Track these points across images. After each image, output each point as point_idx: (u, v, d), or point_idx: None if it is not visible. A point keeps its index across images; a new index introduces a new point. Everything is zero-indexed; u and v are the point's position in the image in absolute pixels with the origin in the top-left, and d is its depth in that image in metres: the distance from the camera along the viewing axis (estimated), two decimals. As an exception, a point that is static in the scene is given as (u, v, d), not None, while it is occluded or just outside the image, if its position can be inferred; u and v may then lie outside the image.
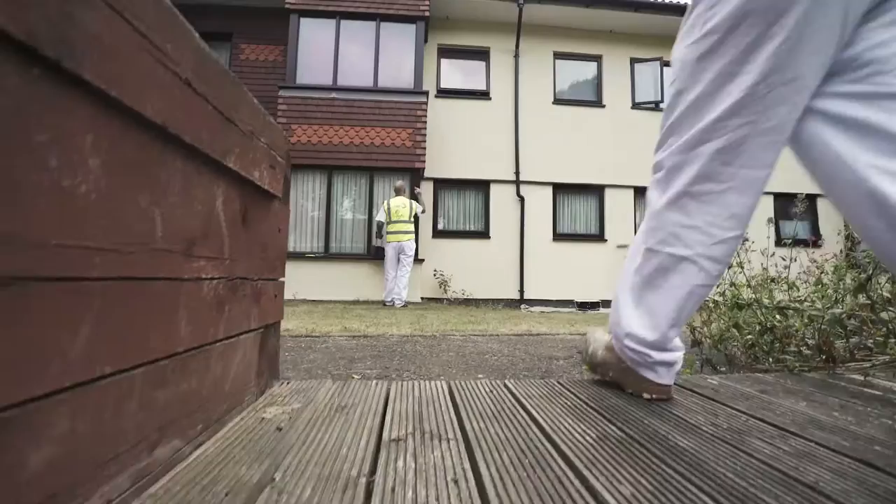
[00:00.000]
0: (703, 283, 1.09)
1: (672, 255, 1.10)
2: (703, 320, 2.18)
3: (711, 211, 1.05)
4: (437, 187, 8.95)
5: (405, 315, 5.45)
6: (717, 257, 1.07)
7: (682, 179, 1.07)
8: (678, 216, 1.08)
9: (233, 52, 8.94)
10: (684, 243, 1.08)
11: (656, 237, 1.13)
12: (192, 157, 0.78)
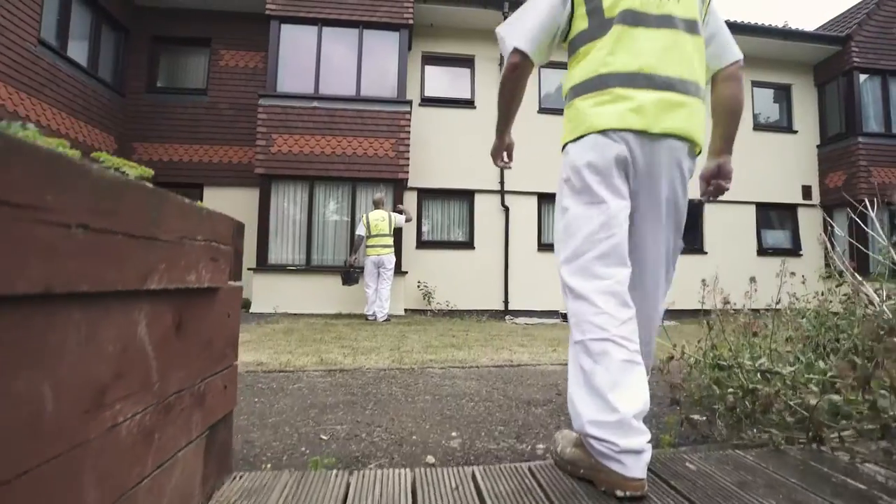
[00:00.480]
0: (628, 359, 1.25)
1: (595, 339, 1.26)
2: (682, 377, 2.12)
3: (610, 300, 1.29)
4: (421, 197, 8.85)
5: (386, 335, 5.35)
6: (626, 336, 1.27)
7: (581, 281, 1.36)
8: (587, 307, 1.31)
9: (211, 59, 8.74)
10: (600, 328, 1.26)
11: (580, 330, 1.32)
12: (96, 303, 0.68)
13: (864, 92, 9.66)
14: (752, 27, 9.42)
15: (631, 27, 1.38)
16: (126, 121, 8.39)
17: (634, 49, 1.38)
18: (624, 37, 1.38)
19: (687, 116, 1.38)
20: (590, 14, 1.43)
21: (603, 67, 1.39)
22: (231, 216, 1.28)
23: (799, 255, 10.00)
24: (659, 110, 1.35)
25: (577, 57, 1.49)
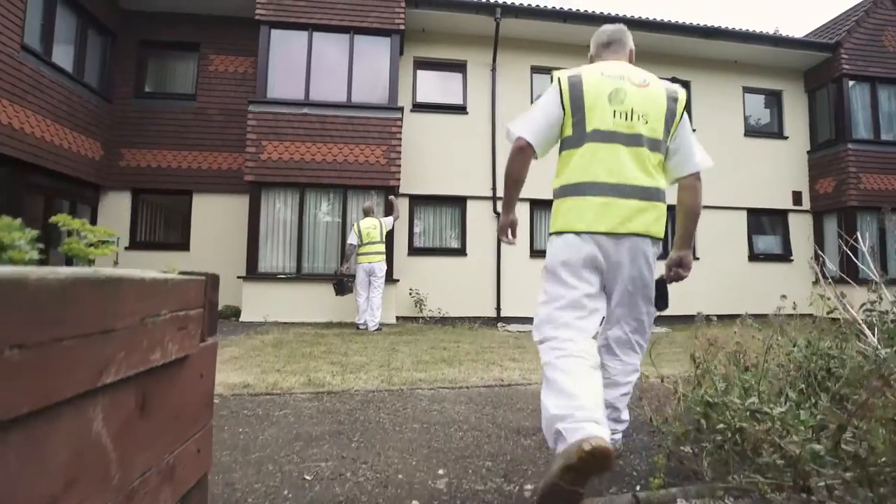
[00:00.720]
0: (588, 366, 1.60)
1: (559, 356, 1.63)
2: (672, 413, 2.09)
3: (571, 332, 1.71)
4: (413, 203, 8.80)
5: (376, 348, 5.30)
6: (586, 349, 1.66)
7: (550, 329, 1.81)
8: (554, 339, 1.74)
9: (200, 64, 8.62)
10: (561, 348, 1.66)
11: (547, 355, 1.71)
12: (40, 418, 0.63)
13: (854, 99, 9.72)
14: (744, 34, 9.45)
15: (605, 143, 1.74)
16: (113, 126, 8.27)
17: (607, 162, 1.74)
18: (599, 151, 1.75)
19: (647, 218, 1.76)
20: (574, 126, 1.79)
21: (581, 176, 1.77)
22: (204, 271, 1.23)
23: (790, 260, 10.05)
24: (624, 216, 1.72)
25: (563, 159, 1.88)
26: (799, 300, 10.49)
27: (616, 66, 1.91)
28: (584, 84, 1.80)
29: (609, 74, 1.83)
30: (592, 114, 1.76)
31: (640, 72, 1.89)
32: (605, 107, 1.76)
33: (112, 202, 8.28)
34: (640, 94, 1.79)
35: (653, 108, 1.79)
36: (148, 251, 8.29)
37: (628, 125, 1.75)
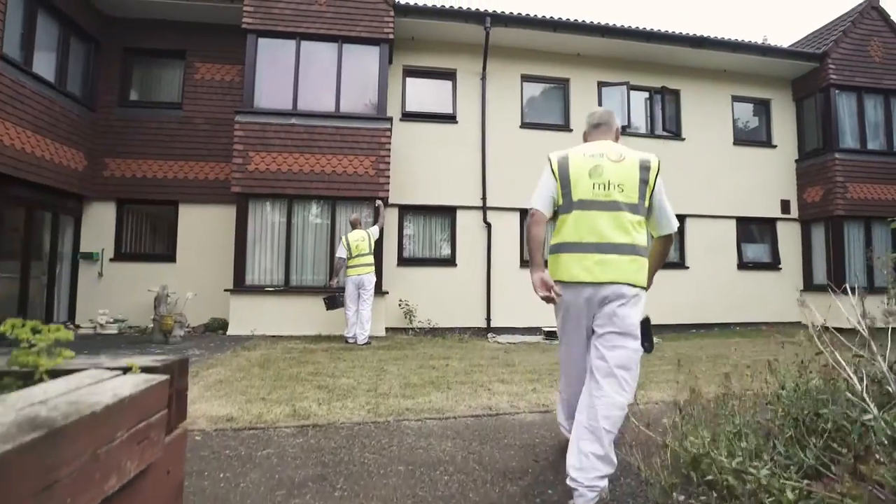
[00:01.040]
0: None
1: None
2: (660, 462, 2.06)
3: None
4: (402, 213, 8.75)
5: (364, 367, 5.25)
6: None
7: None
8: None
9: (186, 72, 8.49)
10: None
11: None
12: None
13: (841, 108, 9.80)
14: (732, 44, 9.48)
15: (587, 211, 2.15)
16: (96, 136, 8.13)
17: (588, 226, 2.14)
18: (582, 217, 2.15)
19: (622, 269, 2.11)
20: (564, 196, 2.20)
21: (570, 237, 2.18)
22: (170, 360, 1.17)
23: (778, 268, 10.12)
24: (602, 268, 2.10)
25: (557, 222, 2.27)
26: (787, 308, 10.67)
27: (598, 145, 2.30)
28: (570, 163, 2.22)
29: (590, 154, 2.23)
30: (577, 187, 2.17)
31: (618, 148, 2.28)
32: (586, 181, 2.16)
33: (96, 213, 8.14)
34: (615, 168, 2.17)
35: (627, 178, 2.16)
36: (133, 262, 8.16)
37: (606, 194, 2.14)
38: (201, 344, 6.67)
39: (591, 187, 2.14)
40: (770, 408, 2.60)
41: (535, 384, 4.55)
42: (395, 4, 8.22)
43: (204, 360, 5.50)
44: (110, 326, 7.42)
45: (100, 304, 7.89)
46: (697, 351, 7.01)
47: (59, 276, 7.77)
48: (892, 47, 10.02)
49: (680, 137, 9.89)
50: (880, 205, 9.66)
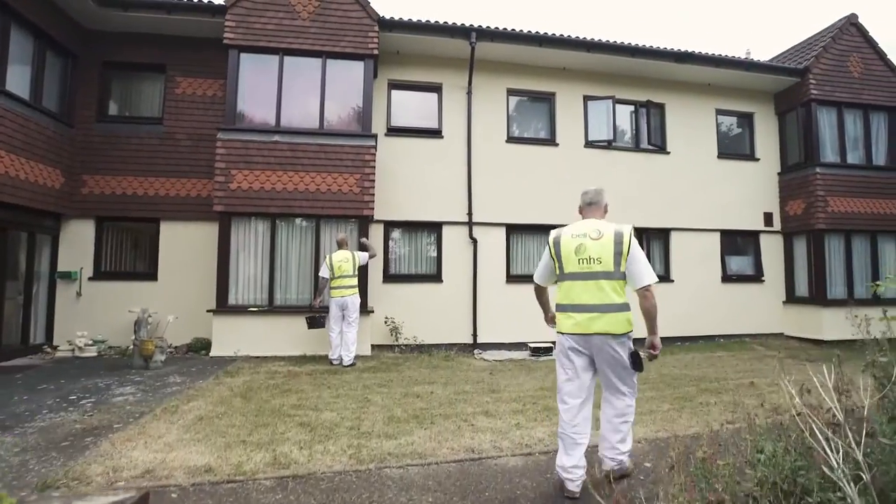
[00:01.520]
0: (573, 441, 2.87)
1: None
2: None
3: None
4: (388, 230, 8.69)
5: (349, 397, 5.20)
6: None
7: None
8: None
9: (167, 87, 8.33)
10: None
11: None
12: None
13: (822, 123, 9.93)
14: (715, 59, 9.55)
15: (573, 280, 2.89)
16: (75, 152, 7.95)
17: (575, 292, 2.88)
18: (572, 286, 2.90)
19: (604, 323, 2.79)
20: (559, 268, 2.96)
21: (564, 300, 2.94)
22: None
23: (761, 280, 10.24)
24: (588, 322, 2.81)
25: (558, 287, 3.01)
26: (770, 320, 10.85)
27: (584, 224, 2.99)
28: (561, 243, 2.96)
29: (575, 234, 2.94)
30: (567, 263, 2.92)
31: (599, 226, 2.92)
32: (573, 258, 2.89)
33: (75, 231, 7.97)
34: (595, 245, 2.86)
35: (604, 252, 2.83)
36: (114, 281, 8.00)
37: (588, 267, 2.85)
38: (183, 368, 6.56)
39: (577, 262, 2.86)
40: (748, 472, 2.60)
41: (519, 416, 4.55)
42: (379, 19, 8.14)
43: (184, 389, 5.41)
44: (89, 349, 7.27)
45: (78, 324, 7.74)
46: (682, 369, 7.06)
47: (36, 296, 7.60)
48: (871, 63, 10.17)
49: (665, 151, 9.95)
50: (860, 218, 9.82)
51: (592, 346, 2.82)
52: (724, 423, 4.33)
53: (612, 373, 2.87)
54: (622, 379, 2.89)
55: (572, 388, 2.90)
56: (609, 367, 2.85)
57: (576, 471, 2.79)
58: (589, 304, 2.80)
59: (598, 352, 2.83)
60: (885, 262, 10.09)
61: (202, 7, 7.86)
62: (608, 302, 2.78)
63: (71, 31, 7.86)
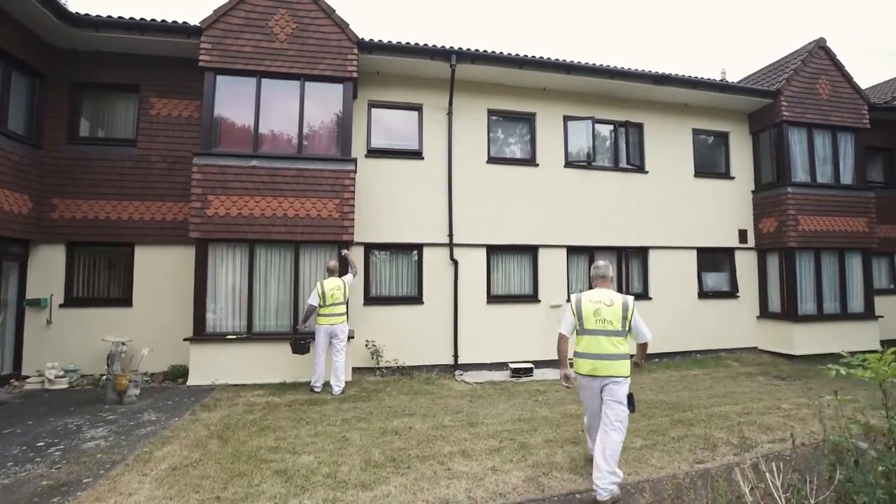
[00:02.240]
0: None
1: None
2: None
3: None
4: (369, 252, 8.66)
5: (328, 435, 5.16)
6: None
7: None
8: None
9: (141, 107, 8.16)
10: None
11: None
12: None
13: (793, 143, 10.19)
14: (691, 81, 9.72)
15: (590, 335, 3.77)
16: (43, 175, 7.74)
17: (592, 344, 3.76)
18: (591, 339, 3.77)
19: (611, 368, 3.68)
20: (579, 324, 3.83)
21: (582, 349, 3.81)
22: None
23: (736, 296, 10.47)
24: (599, 367, 3.71)
25: (577, 338, 3.87)
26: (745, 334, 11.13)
27: (599, 292, 3.94)
28: (582, 305, 3.87)
29: (593, 300, 3.87)
30: (587, 321, 3.82)
31: (611, 296, 3.87)
32: (592, 318, 3.81)
33: (44, 257, 7.76)
34: (608, 310, 3.81)
35: (615, 317, 3.78)
36: (86, 308, 7.81)
37: (602, 327, 3.78)
38: (158, 402, 6.44)
39: (595, 322, 3.79)
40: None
41: (496, 457, 4.57)
42: (359, 41, 8.09)
43: (159, 430, 5.31)
44: (59, 381, 7.09)
45: (49, 352, 7.55)
46: (658, 393, 7.17)
47: (4, 324, 7.38)
48: (838, 85, 10.46)
49: (643, 170, 10.09)
50: (829, 235, 10.11)
51: (602, 384, 3.76)
52: (693, 462, 4.43)
53: (610, 407, 3.71)
54: (617, 415, 3.68)
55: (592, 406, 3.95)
56: (611, 401, 3.71)
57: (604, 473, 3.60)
58: (603, 354, 3.74)
59: (605, 389, 3.75)
60: (852, 277, 10.41)
61: (177, 28, 7.71)
62: (616, 353, 3.75)
63: (39, 50, 7.64)
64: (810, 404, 6.22)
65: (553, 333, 9.06)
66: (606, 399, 3.73)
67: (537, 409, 6.29)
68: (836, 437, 2.48)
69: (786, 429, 5.20)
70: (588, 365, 3.78)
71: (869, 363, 2.26)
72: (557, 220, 9.43)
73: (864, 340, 10.14)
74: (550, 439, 5.06)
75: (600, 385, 3.75)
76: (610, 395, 3.71)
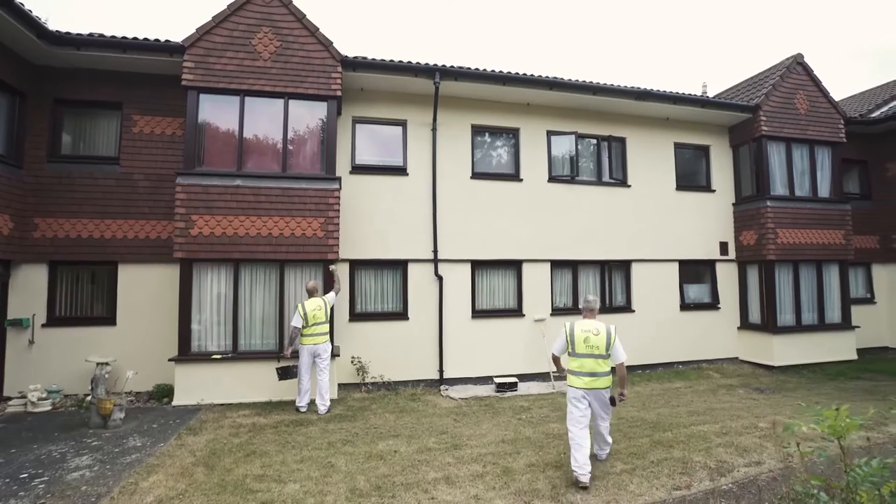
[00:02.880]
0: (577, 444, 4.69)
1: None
2: None
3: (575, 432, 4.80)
4: (354, 268, 8.70)
5: (314, 461, 5.21)
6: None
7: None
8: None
9: (123, 125, 8.11)
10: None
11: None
12: None
13: (772, 157, 10.41)
14: (672, 96, 9.88)
15: (582, 358, 4.78)
16: (24, 195, 7.67)
17: (585, 365, 4.76)
18: (581, 360, 4.79)
19: (598, 382, 4.72)
20: (570, 348, 4.86)
21: (573, 367, 4.82)
22: None
23: (717, 308, 10.68)
24: (590, 382, 4.72)
25: (569, 359, 4.86)
26: (726, 345, 11.35)
27: (589, 323, 4.88)
28: (575, 333, 4.82)
29: (584, 329, 4.82)
30: (578, 346, 4.78)
31: (598, 326, 4.82)
32: (582, 344, 4.76)
33: (26, 276, 7.70)
34: (596, 338, 4.74)
35: (601, 343, 4.72)
36: (69, 327, 7.77)
37: (590, 351, 4.72)
38: (143, 425, 6.44)
39: (585, 347, 4.76)
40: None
41: (479, 483, 4.66)
42: (343, 59, 8.12)
43: (144, 457, 5.32)
44: (42, 403, 7.04)
45: (32, 372, 7.51)
46: (640, 409, 7.31)
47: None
48: (816, 100, 10.71)
49: (626, 184, 10.25)
50: (807, 248, 10.36)
51: (592, 394, 4.75)
52: (671, 488, 4.56)
53: (600, 409, 4.84)
54: (605, 411, 4.90)
55: (581, 417, 4.71)
56: (600, 405, 4.82)
57: (585, 468, 4.50)
58: (592, 372, 4.74)
59: (594, 397, 4.76)
60: (830, 289, 10.67)
61: (159, 46, 7.68)
62: (602, 371, 4.77)
63: (18, 68, 7.56)
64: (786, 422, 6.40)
65: (536, 347, 9.23)
66: (595, 403, 4.80)
67: (521, 429, 6.40)
68: (799, 487, 2.60)
69: (761, 450, 5.36)
70: (582, 381, 4.76)
71: (825, 418, 2.37)
72: (541, 234, 9.55)
73: (841, 351, 10.43)
74: (533, 463, 5.16)
75: (592, 395, 4.76)
76: (599, 400, 4.80)
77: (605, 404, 4.84)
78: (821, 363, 10.25)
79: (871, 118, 11.70)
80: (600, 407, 4.82)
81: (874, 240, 12.03)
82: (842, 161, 11.20)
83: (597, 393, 4.74)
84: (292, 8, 8.03)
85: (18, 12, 6.68)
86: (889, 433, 5.91)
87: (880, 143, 12.03)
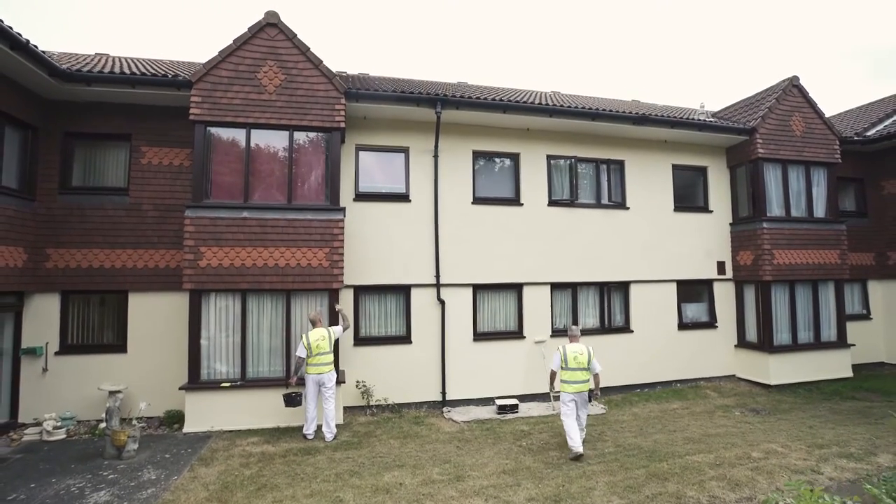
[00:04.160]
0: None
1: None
2: None
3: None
4: (358, 294, 8.90)
5: (322, 495, 5.40)
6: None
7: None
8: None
9: (132, 157, 8.31)
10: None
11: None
12: None
13: (768, 179, 10.58)
14: (671, 121, 10.06)
15: (572, 371, 6.70)
16: (37, 226, 7.88)
17: (574, 376, 6.69)
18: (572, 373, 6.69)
19: (583, 387, 6.69)
20: (563, 364, 6.76)
21: (567, 379, 6.71)
22: None
23: (715, 326, 10.86)
24: (577, 388, 6.67)
25: (561, 372, 6.78)
26: (723, 363, 11.55)
27: (575, 346, 6.81)
28: (567, 354, 6.73)
29: (572, 350, 6.75)
30: (569, 363, 6.70)
31: (581, 347, 6.79)
32: (572, 361, 6.69)
33: (39, 306, 7.91)
34: (581, 357, 6.70)
35: (584, 360, 6.69)
36: (81, 355, 7.98)
37: (577, 365, 6.68)
38: (156, 454, 6.64)
39: (574, 363, 6.64)
40: None
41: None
42: (346, 91, 8.30)
43: (160, 492, 5.51)
44: (57, 432, 7.26)
45: (45, 399, 7.73)
46: (636, 435, 7.51)
47: (0, 373, 7.54)
48: (811, 122, 10.88)
49: (625, 206, 10.43)
50: (803, 268, 10.53)
51: (578, 396, 6.64)
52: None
53: (581, 406, 6.74)
54: (584, 407, 6.80)
55: (569, 412, 6.62)
56: (581, 403, 6.71)
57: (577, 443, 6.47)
58: (578, 381, 6.62)
59: (580, 398, 6.67)
60: (825, 307, 10.85)
61: (167, 82, 7.88)
62: (585, 379, 6.65)
63: (30, 103, 7.76)
64: (779, 451, 6.59)
65: (537, 368, 9.44)
66: (579, 401, 6.71)
67: (521, 458, 6.59)
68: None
69: (753, 484, 5.55)
70: (572, 388, 6.62)
71: (801, 495, 2.55)
72: (541, 257, 9.74)
73: (836, 369, 10.61)
74: (532, 497, 5.35)
75: (578, 396, 6.65)
76: (581, 399, 6.71)
77: (585, 402, 6.76)
78: (816, 381, 10.43)
79: (866, 137, 11.86)
80: (581, 404, 6.74)
81: (870, 256, 12.21)
82: (838, 179, 11.37)
83: (581, 395, 6.66)
84: (297, 41, 8.21)
85: (33, 55, 6.88)
86: (877, 463, 6.09)
87: (877, 161, 12.19)
